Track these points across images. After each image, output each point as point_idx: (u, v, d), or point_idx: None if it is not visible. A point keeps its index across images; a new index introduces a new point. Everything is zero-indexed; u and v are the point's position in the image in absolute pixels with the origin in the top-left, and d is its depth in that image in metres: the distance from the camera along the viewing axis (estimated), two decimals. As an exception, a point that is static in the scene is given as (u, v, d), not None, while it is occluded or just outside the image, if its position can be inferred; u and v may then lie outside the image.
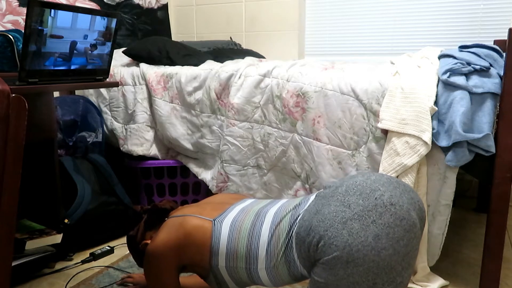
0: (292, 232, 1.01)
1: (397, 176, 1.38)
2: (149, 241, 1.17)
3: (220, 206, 1.17)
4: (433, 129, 1.34)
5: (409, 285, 1.43)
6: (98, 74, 1.53)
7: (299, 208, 1.05)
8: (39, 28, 1.23)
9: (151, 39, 2.25)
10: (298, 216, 1.02)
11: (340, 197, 0.97)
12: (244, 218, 1.09)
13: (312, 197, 1.06)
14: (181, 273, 1.15)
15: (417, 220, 0.94)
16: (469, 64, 1.35)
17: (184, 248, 1.08)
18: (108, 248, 1.73)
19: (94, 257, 1.67)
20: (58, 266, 1.61)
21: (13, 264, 1.35)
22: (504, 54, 1.30)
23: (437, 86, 1.39)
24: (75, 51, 1.39)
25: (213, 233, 1.08)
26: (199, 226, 1.09)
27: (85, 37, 1.40)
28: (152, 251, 1.09)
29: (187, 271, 1.15)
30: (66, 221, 1.63)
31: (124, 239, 1.85)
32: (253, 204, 1.16)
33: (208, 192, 1.98)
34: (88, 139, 1.98)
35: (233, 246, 1.06)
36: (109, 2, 2.58)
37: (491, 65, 1.35)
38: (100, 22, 1.43)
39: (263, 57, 2.49)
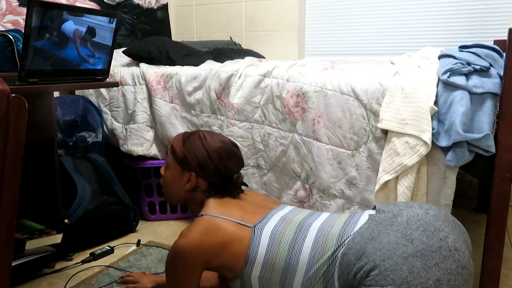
0: (338, 252, 0.97)
1: (397, 177, 1.38)
2: (186, 189, 1.16)
3: (261, 210, 1.13)
4: (433, 129, 1.34)
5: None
6: (98, 74, 1.53)
7: (348, 228, 1.01)
8: (39, 28, 1.23)
9: (151, 39, 2.25)
10: (348, 237, 0.98)
11: (401, 228, 0.93)
12: (285, 228, 1.05)
13: (363, 217, 1.02)
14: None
15: (473, 270, 0.92)
16: (469, 64, 1.35)
17: (218, 254, 1.04)
18: (108, 248, 1.73)
19: (94, 257, 1.67)
20: (58, 266, 1.61)
21: (13, 264, 1.35)
22: (504, 54, 1.30)
23: (437, 86, 1.39)
24: (75, 51, 1.39)
25: (252, 241, 1.04)
26: (238, 235, 1.05)
27: (85, 37, 1.40)
28: (183, 249, 1.02)
29: (211, 270, 1.10)
30: (66, 221, 1.63)
31: (124, 239, 1.85)
32: (294, 213, 1.12)
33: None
34: (88, 139, 1.98)
35: (271, 257, 1.02)
36: (109, 2, 2.58)
37: (491, 65, 1.35)
38: (101, 22, 1.43)
39: (263, 57, 2.49)
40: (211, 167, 1.15)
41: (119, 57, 2.16)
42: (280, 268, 1.02)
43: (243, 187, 1.25)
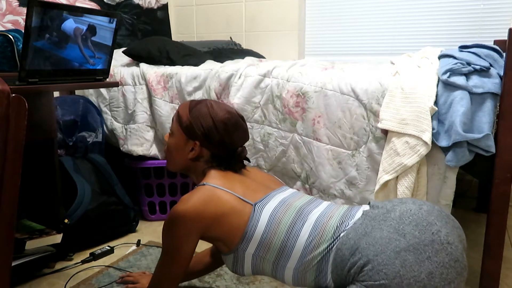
0: (333, 246, 0.98)
1: (397, 177, 1.38)
2: (190, 156, 1.15)
3: (263, 189, 1.13)
4: (433, 129, 1.34)
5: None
6: (98, 74, 1.53)
7: (344, 222, 1.01)
8: (39, 28, 1.23)
9: (151, 39, 2.25)
10: (343, 232, 0.99)
11: (393, 223, 0.94)
12: (285, 211, 1.05)
13: (358, 213, 1.03)
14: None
15: (466, 263, 0.92)
16: (469, 64, 1.35)
17: (216, 224, 1.04)
18: (108, 248, 1.73)
19: (94, 257, 1.67)
20: (58, 266, 1.61)
21: (13, 264, 1.35)
22: (504, 54, 1.30)
23: (437, 86, 1.39)
24: (75, 51, 1.39)
25: (251, 218, 1.04)
26: (238, 209, 1.05)
27: (86, 35, 1.40)
28: (183, 215, 1.02)
29: (207, 240, 1.11)
30: (66, 221, 1.63)
31: (124, 239, 1.85)
32: (294, 198, 1.12)
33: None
34: (88, 139, 1.98)
35: (269, 237, 1.03)
36: (109, 2, 2.58)
37: (491, 65, 1.35)
38: (101, 22, 1.43)
39: (263, 57, 2.49)
40: (216, 137, 1.14)
41: (119, 57, 2.16)
42: (276, 249, 1.03)
43: (245, 163, 1.24)
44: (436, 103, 1.36)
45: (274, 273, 1.07)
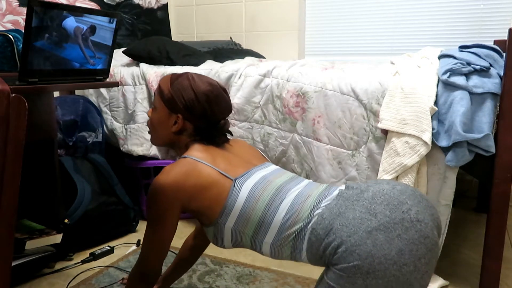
0: (308, 225, 1.00)
1: (397, 177, 1.38)
2: (173, 130, 1.14)
3: (244, 164, 1.14)
4: (433, 129, 1.34)
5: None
6: (98, 74, 1.53)
7: (321, 201, 1.03)
8: (39, 28, 1.23)
9: (151, 39, 2.25)
10: (318, 211, 1.00)
11: (366, 203, 0.95)
12: (264, 188, 1.07)
13: (335, 192, 1.04)
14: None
15: (438, 240, 0.93)
16: (469, 64, 1.35)
17: (196, 197, 1.05)
18: (108, 248, 1.73)
19: (94, 257, 1.67)
20: (58, 266, 1.62)
21: (13, 264, 1.35)
22: (504, 54, 1.30)
23: (437, 86, 1.39)
24: (75, 51, 1.39)
25: (231, 193, 1.05)
26: (219, 184, 1.06)
27: (86, 34, 1.40)
28: (164, 187, 1.03)
29: (189, 213, 1.12)
30: (66, 221, 1.63)
31: (124, 239, 1.85)
32: (275, 175, 1.13)
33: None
34: (88, 139, 1.98)
35: (247, 212, 1.04)
36: (109, 2, 2.58)
37: (491, 65, 1.35)
38: (101, 22, 1.43)
39: (263, 57, 2.49)
40: (198, 110, 1.14)
41: (119, 57, 2.16)
42: (253, 224, 1.04)
43: (228, 136, 1.24)
44: (436, 103, 1.36)
45: (252, 246, 1.09)
